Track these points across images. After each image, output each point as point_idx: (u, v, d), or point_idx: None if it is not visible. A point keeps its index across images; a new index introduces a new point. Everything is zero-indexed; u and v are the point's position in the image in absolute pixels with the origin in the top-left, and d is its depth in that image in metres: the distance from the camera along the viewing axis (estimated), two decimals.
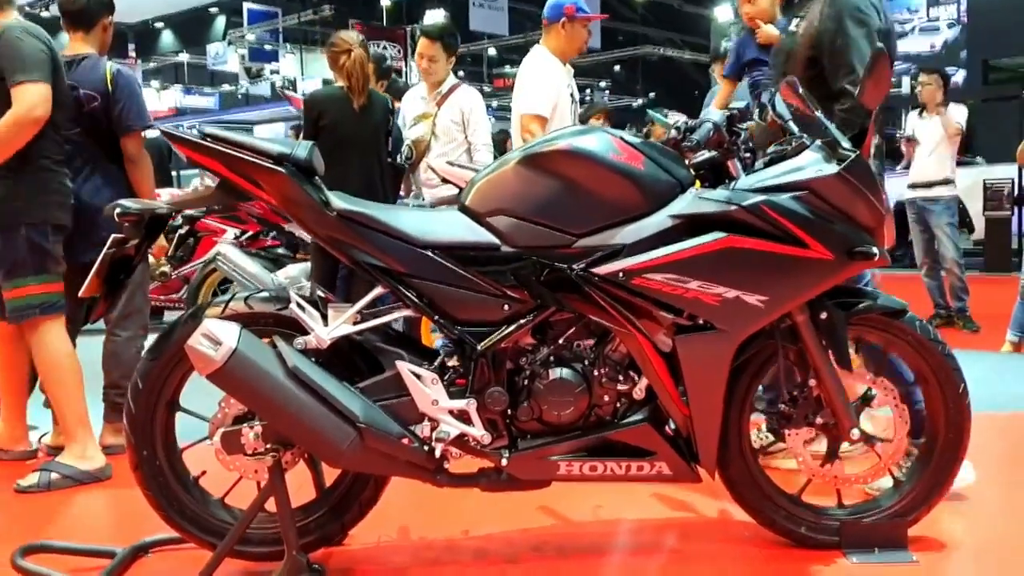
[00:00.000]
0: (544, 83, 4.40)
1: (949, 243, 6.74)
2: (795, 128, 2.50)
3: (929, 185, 6.83)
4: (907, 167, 7.58)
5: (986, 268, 10.89)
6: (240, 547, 2.41)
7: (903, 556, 2.49)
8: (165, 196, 6.98)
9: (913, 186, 6.94)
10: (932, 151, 6.85)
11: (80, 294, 2.40)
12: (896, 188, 6.63)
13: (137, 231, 2.36)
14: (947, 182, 6.79)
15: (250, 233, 6.10)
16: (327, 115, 4.41)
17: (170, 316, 7.61)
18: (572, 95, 4.62)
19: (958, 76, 17.84)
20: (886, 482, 2.65)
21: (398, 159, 4.83)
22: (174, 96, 30.55)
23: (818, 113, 2.47)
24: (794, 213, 2.31)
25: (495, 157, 6.28)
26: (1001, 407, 4.26)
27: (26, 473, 3.32)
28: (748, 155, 2.45)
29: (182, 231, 5.88)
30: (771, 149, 2.55)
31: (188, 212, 5.85)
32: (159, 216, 2.40)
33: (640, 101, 30.85)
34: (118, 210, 2.31)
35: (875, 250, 2.32)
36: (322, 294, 2.46)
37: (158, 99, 28.74)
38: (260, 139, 2.41)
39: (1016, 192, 11.15)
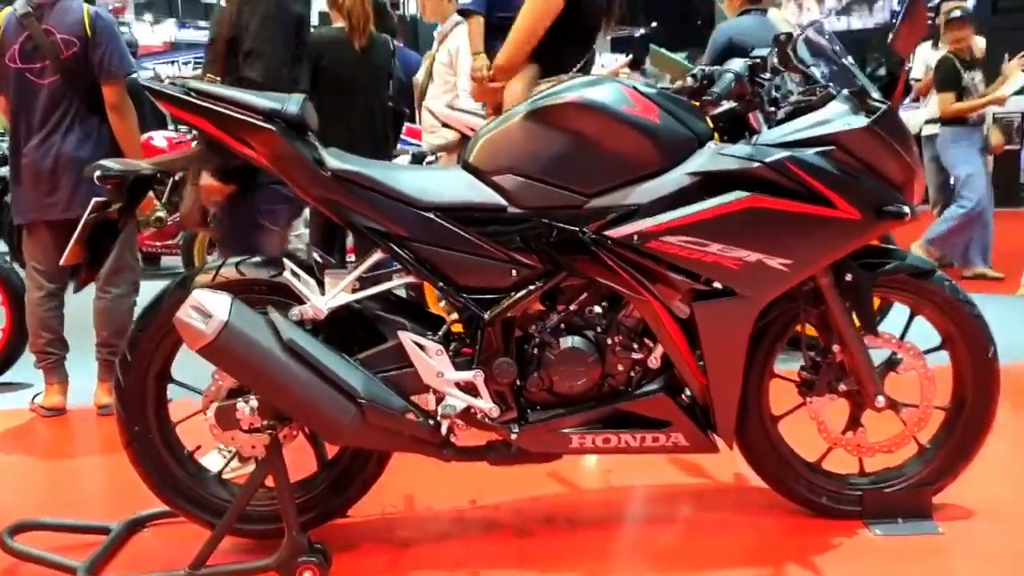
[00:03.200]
0: None
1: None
2: (819, 75, 2.34)
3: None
4: (916, 100, 7.36)
5: (994, 203, 10.69)
6: (238, 524, 2.31)
7: (928, 526, 2.39)
8: (159, 138, 6.83)
9: (931, 121, 6.68)
10: None
11: (62, 262, 2.26)
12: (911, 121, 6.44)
13: (120, 194, 2.22)
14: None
15: None
16: (326, 58, 4.22)
17: (167, 262, 7.49)
18: None
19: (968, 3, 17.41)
20: (910, 449, 2.54)
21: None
22: (168, 30, 29.92)
23: (846, 60, 2.31)
24: (821, 170, 2.16)
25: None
26: (1016, 358, 4.15)
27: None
28: (772, 108, 2.29)
29: (176, 176, 5.69)
30: (794, 98, 2.39)
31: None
32: (143, 177, 2.25)
33: (641, 31, 30.21)
34: (98, 173, 2.16)
35: (906, 209, 2.17)
36: (319, 258, 2.32)
37: (152, 33, 28.13)
38: (249, 93, 2.25)
39: None
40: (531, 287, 2.23)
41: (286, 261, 2.23)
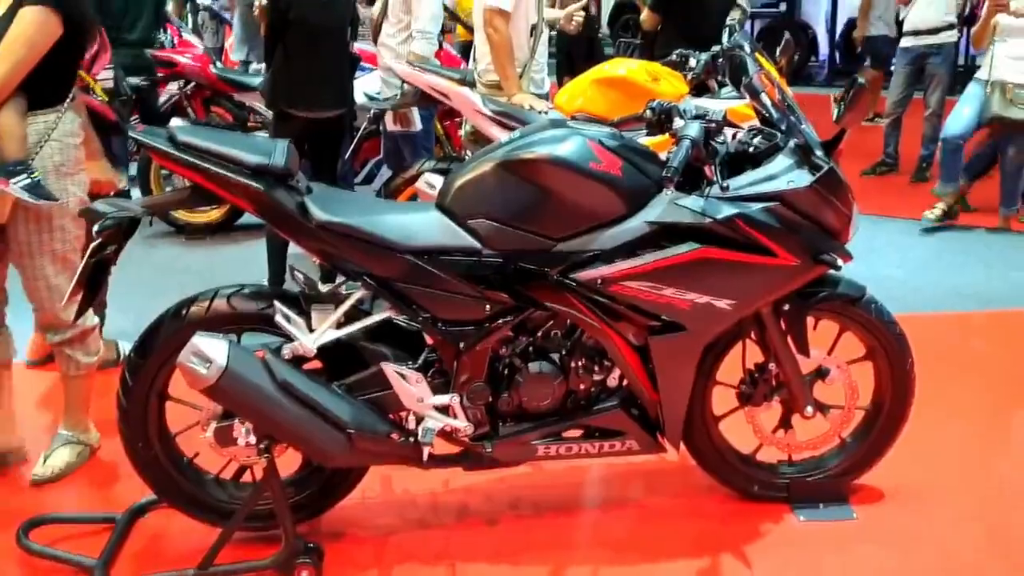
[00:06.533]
0: None
1: (941, 94, 6.66)
2: (775, 115, 2.52)
3: (934, 31, 6.62)
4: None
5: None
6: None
7: (844, 512, 2.76)
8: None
9: (914, 33, 6.70)
10: None
11: (63, 303, 2.42)
12: None
13: (117, 237, 2.36)
14: (951, 27, 6.56)
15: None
16: (295, 7, 4.24)
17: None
18: None
19: None
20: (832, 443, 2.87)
21: None
22: None
23: (794, 110, 2.49)
24: (765, 224, 2.38)
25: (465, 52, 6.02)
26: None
27: None
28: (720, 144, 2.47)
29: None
30: (741, 136, 2.58)
31: (134, 82, 5.65)
32: (135, 220, 2.38)
33: None
34: (96, 227, 2.29)
35: (840, 262, 2.43)
36: (305, 285, 2.48)
37: None
38: (237, 141, 2.36)
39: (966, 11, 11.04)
40: (503, 320, 2.45)
41: (276, 303, 2.41)
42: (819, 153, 2.43)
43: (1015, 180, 5.83)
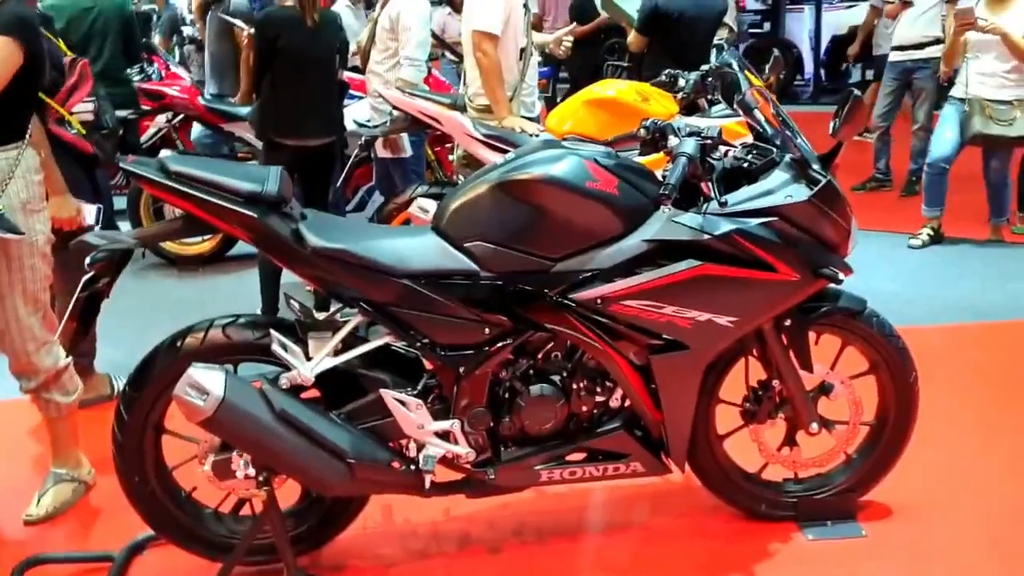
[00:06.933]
0: None
1: (928, 107, 6.70)
2: (769, 130, 2.51)
3: (920, 46, 6.68)
4: None
5: None
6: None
7: (853, 529, 2.72)
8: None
9: (900, 48, 6.77)
10: (924, 11, 6.65)
11: (56, 338, 2.38)
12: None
13: (109, 270, 2.33)
14: (937, 41, 6.56)
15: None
16: (282, 37, 4.24)
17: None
18: (525, 4, 4.47)
19: None
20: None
21: None
22: None
23: (788, 125, 2.48)
24: (764, 240, 2.36)
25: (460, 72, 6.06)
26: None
27: None
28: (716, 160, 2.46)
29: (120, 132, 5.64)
30: (738, 151, 2.57)
31: (121, 114, 5.63)
32: (128, 252, 2.35)
33: None
34: (88, 259, 2.26)
35: (841, 276, 2.41)
36: (301, 313, 2.45)
37: None
38: (229, 169, 2.34)
39: None
40: (502, 344, 2.42)
41: (272, 332, 2.37)
42: (816, 167, 2.41)
43: (1001, 191, 5.86)
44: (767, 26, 13.90)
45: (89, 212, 3.24)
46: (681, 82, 4.07)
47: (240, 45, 5.62)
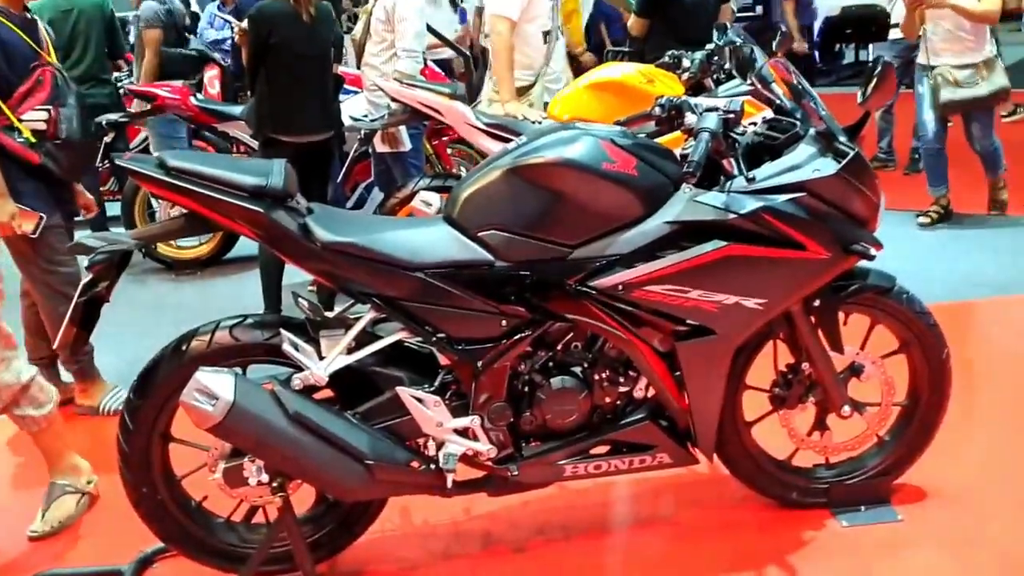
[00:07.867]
0: None
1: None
2: (789, 103, 2.42)
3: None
4: None
5: None
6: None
7: (887, 514, 2.63)
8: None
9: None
10: None
11: (56, 345, 2.28)
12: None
13: (109, 273, 2.23)
14: None
15: None
16: (278, 32, 4.13)
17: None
18: None
19: None
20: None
21: None
22: None
23: (811, 96, 2.38)
24: (792, 216, 2.26)
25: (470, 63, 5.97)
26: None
27: None
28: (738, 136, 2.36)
29: (108, 139, 5.53)
30: (759, 127, 2.48)
31: (112, 118, 5.53)
32: (127, 253, 2.25)
33: None
34: (87, 262, 2.16)
35: (873, 251, 2.31)
36: (310, 312, 2.35)
37: None
38: (231, 164, 2.24)
39: None
40: (520, 335, 2.32)
41: (283, 332, 2.27)
42: (843, 139, 2.31)
43: (992, 156, 5.76)
44: (759, 9, 13.77)
45: (29, 220, 3.12)
46: (686, 62, 3.96)
47: None
